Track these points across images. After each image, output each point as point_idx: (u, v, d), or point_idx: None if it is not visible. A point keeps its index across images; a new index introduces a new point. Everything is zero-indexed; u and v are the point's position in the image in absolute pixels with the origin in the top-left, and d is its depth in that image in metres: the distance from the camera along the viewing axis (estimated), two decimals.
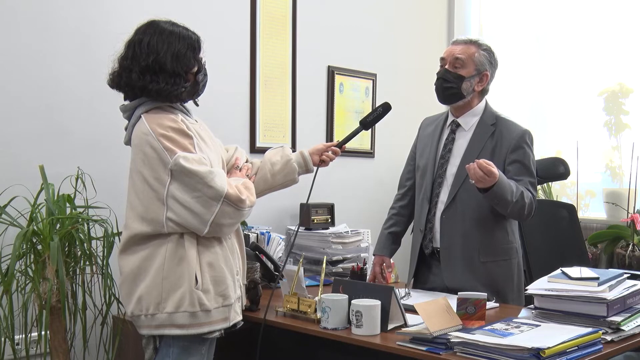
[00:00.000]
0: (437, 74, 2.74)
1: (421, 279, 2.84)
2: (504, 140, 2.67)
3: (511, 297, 2.69)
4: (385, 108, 2.63)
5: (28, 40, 2.81)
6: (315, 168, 2.53)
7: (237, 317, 2.27)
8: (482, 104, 2.77)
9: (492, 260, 2.67)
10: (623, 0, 4.25)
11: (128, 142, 2.26)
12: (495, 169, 2.44)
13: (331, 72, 4.06)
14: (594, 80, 4.33)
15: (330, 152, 2.55)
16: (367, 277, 2.95)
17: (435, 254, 2.75)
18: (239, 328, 2.31)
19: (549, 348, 1.83)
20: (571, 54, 4.44)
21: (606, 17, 4.30)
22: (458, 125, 2.77)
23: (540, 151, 4.40)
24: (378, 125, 4.15)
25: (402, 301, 2.30)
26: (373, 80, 4.30)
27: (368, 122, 2.63)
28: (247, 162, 2.50)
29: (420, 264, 2.83)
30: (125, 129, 2.27)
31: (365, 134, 4.22)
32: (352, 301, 2.22)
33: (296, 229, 2.98)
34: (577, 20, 4.43)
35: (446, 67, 2.71)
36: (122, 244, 2.21)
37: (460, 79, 2.68)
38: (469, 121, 2.74)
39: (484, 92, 2.76)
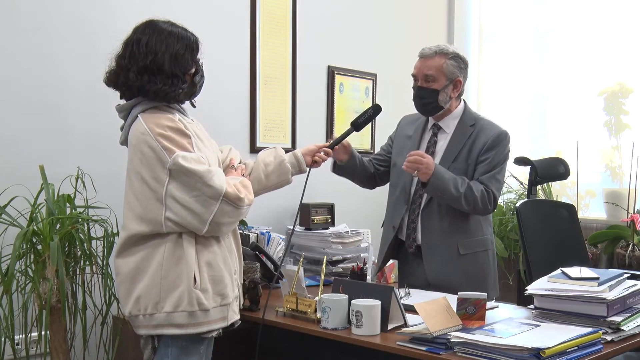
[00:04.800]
0: (413, 88, 2.81)
1: (403, 276, 2.91)
2: (480, 140, 2.75)
3: (489, 288, 2.77)
4: (376, 109, 2.71)
5: (29, 40, 2.81)
6: (308, 169, 2.54)
7: (235, 316, 2.27)
8: (461, 106, 2.84)
9: (471, 252, 2.75)
10: (623, 0, 4.25)
11: (124, 142, 2.26)
12: (427, 158, 2.58)
13: (331, 72, 4.06)
14: (594, 80, 4.33)
15: (322, 153, 2.57)
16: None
17: (417, 250, 2.81)
18: (237, 327, 2.31)
19: (549, 348, 1.83)
20: (571, 54, 4.45)
21: (606, 17, 4.30)
22: (439, 128, 2.84)
23: (540, 151, 4.42)
24: (378, 125, 4.20)
25: (402, 301, 2.30)
26: (373, 80, 4.30)
27: (359, 124, 2.70)
28: (240, 163, 2.50)
29: (402, 261, 2.91)
30: (121, 129, 2.27)
31: (365, 134, 4.22)
32: (352, 301, 2.22)
33: (293, 228, 2.99)
34: (577, 20, 4.43)
35: (419, 84, 2.77)
36: (120, 244, 2.20)
37: (435, 93, 2.74)
38: (450, 124, 2.82)
39: (459, 95, 2.84)
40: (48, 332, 2.48)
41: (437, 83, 2.73)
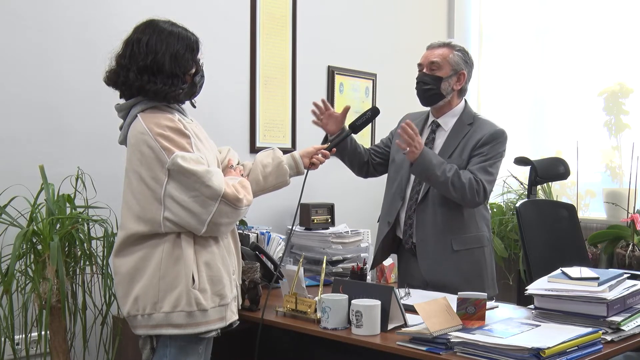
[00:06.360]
0: (416, 78, 2.82)
1: (403, 275, 2.92)
2: (475, 138, 2.75)
3: (487, 285, 2.76)
4: (374, 112, 2.72)
5: (29, 40, 2.81)
6: (305, 170, 2.54)
7: (233, 316, 2.27)
8: (461, 104, 2.85)
9: (465, 248, 2.75)
10: (623, 0, 4.25)
11: (123, 141, 2.26)
12: (419, 137, 2.60)
13: (331, 72, 4.06)
14: (594, 80, 4.33)
15: (320, 155, 2.57)
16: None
17: (413, 248, 2.81)
18: (237, 327, 2.31)
19: (549, 348, 1.83)
20: (571, 54, 4.44)
21: (606, 17, 4.30)
22: (438, 125, 2.85)
23: (540, 151, 4.41)
24: (378, 126, 4.20)
25: (402, 301, 2.30)
26: (373, 80, 4.30)
27: (357, 126, 2.71)
28: (238, 164, 2.50)
29: (401, 259, 2.92)
30: (120, 128, 2.27)
31: (365, 135, 4.22)
32: (352, 301, 2.22)
33: (292, 228, 2.99)
34: (577, 20, 4.43)
35: (424, 71, 2.80)
36: (118, 244, 2.20)
37: (439, 80, 2.76)
38: (449, 121, 2.82)
39: (462, 91, 2.84)
40: (48, 332, 2.48)
41: (442, 71, 2.76)
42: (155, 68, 2.16)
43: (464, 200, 2.68)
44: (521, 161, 3.83)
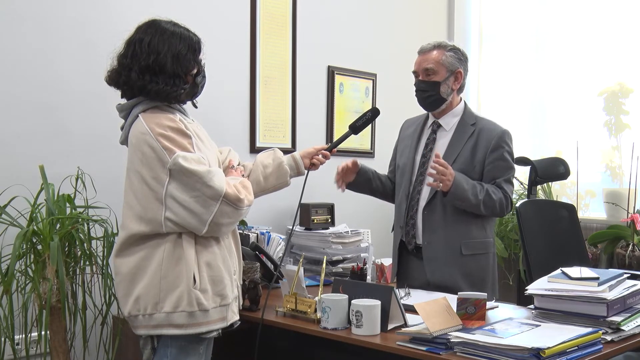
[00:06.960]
0: (414, 85, 2.83)
1: (403, 276, 2.90)
2: (483, 140, 2.75)
3: (488, 290, 2.76)
4: (374, 113, 2.73)
5: (29, 40, 2.81)
6: (306, 171, 2.54)
7: (234, 317, 2.27)
8: (461, 104, 2.86)
9: (471, 253, 2.76)
10: (623, 0, 4.25)
11: (124, 141, 2.26)
12: (449, 167, 2.60)
13: (331, 72, 4.06)
14: (594, 80, 4.33)
15: (320, 156, 2.57)
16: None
17: (416, 250, 2.81)
18: (237, 327, 2.31)
19: (549, 348, 1.83)
20: (571, 54, 4.45)
21: (606, 17, 4.30)
22: (439, 125, 2.85)
23: (540, 151, 4.41)
24: (378, 125, 4.20)
25: (402, 301, 2.30)
26: (373, 80, 4.30)
27: (357, 127, 2.72)
28: (239, 164, 2.50)
29: (402, 261, 2.90)
30: (122, 128, 2.27)
31: (365, 134, 4.22)
32: (352, 301, 2.22)
33: (292, 228, 2.98)
34: (577, 21, 4.43)
35: (420, 78, 2.80)
36: (119, 244, 2.20)
37: (436, 85, 2.76)
38: (450, 121, 2.82)
39: (461, 88, 2.85)
40: (48, 332, 2.48)
41: (438, 75, 2.76)
42: (157, 68, 2.16)
43: (492, 215, 2.76)
44: (521, 161, 3.83)
